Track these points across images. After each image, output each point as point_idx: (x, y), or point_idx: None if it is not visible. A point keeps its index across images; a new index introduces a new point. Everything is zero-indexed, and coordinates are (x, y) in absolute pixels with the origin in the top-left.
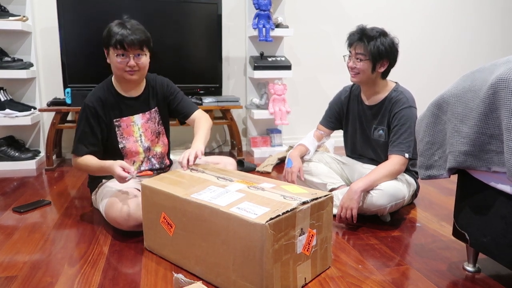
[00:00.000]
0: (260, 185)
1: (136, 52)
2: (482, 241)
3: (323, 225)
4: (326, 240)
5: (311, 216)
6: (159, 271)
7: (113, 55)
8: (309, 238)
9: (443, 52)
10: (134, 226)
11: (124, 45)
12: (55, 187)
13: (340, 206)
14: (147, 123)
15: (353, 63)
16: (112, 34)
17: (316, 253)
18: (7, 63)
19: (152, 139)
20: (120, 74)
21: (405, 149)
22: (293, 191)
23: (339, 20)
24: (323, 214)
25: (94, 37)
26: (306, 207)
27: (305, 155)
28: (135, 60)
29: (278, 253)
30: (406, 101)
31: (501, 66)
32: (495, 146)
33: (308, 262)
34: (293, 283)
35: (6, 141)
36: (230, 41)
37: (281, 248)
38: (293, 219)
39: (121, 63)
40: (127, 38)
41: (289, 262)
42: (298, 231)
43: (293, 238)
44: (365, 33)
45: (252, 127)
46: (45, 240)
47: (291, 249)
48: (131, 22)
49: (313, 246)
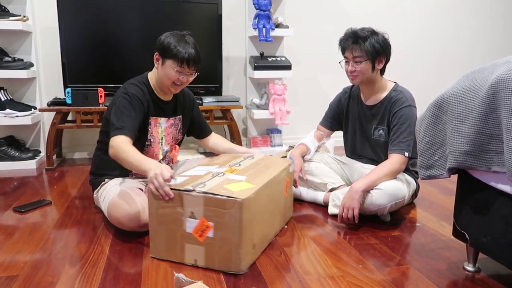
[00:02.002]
0: (228, 174)
1: (192, 72)
2: (482, 241)
3: (225, 225)
4: (230, 243)
5: (206, 207)
6: (159, 270)
7: (170, 67)
8: (202, 226)
9: (442, 51)
10: (137, 226)
11: (189, 64)
12: (55, 187)
13: (342, 206)
14: (170, 128)
15: (352, 67)
16: (179, 50)
17: (214, 246)
18: (8, 63)
19: (172, 144)
20: (168, 84)
21: (405, 148)
22: (233, 187)
23: (339, 20)
24: (225, 215)
25: (95, 37)
26: (195, 194)
27: (306, 154)
28: (188, 77)
29: (163, 217)
30: (405, 100)
31: (501, 66)
32: (495, 146)
33: (200, 248)
34: (180, 254)
35: (7, 141)
36: (230, 41)
37: (166, 215)
38: (180, 197)
39: (175, 77)
40: (192, 58)
41: (176, 233)
42: (189, 213)
43: (180, 215)
44: (358, 35)
45: (252, 127)
46: (46, 240)
47: (178, 223)
48: (192, 40)
49: (209, 237)
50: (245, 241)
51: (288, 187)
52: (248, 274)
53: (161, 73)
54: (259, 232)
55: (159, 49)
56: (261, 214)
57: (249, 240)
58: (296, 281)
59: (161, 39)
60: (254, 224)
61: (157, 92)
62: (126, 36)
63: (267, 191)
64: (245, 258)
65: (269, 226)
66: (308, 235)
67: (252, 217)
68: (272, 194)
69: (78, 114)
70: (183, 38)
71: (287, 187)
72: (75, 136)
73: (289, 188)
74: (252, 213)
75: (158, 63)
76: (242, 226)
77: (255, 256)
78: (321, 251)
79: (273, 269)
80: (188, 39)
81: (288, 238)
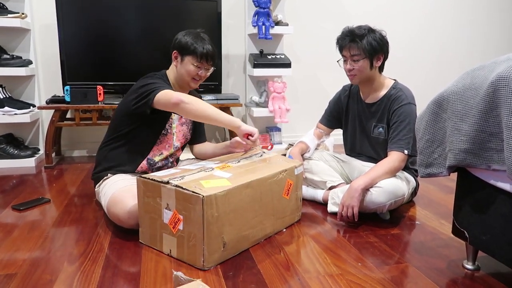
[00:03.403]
0: (216, 170)
1: (210, 66)
2: (482, 239)
3: (191, 219)
4: (195, 238)
5: (178, 201)
6: (158, 268)
7: (189, 63)
8: (174, 218)
9: (442, 49)
10: (135, 224)
11: (208, 59)
12: (54, 185)
13: (341, 205)
14: (181, 126)
15: (350, 65)
16: (196, 46)
17: (183, 239)
18: (6, 60)
19: (182, 141)
20: (188, 80)
21: (404, 146)
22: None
23: (339, 17)
24: (190, 209)
25: (94, 34)
26: (169, 186)
27: (305, 152)
28: (206, 72)
29: (147, 206)
30: (405, 98)
31: (501, 64)
32: (495, 144)
33: (174, 239)
34: (159, 243)
35: (5, 138)
36: (230, 39)
37: (149, 204)
38: (158, 188)
39: (194, 72)
40: (210, 53)
41: (156, 222)
42: (165, 204)
43: (159, 205)
44: (355, 33)
45: (251, 125)
46: (45, 238)
47: (158, 213)
48: (207, 37)
49: (180, 230)
50: (211, 238)
51: (291, 190)
52: (247, 273)
53: (181, 70)
54: (235, 231)
55: (177, 47)
56: (237, 213)
57: (215, 238)
58: (295, 279)
59: (178, 38)
60: (225, 223)
61: (174, 89)
62: (125, 33)
63: (250, 191)
64: (210, 255)
65: (254, 227)
66: (307, 233)
67: (221, 215)
68: (260, 194)
69: (77, 112)
70: (199, 35)
71: (290, 189)
72: (74, 134)
73: (293, 191)
74: (221, 211)
75: (176, 60)
76: (206, 223)
77: (228, 255)
78: (321, 249)
79: (272, 267)
80: (204, 36)
81: (287, 236)
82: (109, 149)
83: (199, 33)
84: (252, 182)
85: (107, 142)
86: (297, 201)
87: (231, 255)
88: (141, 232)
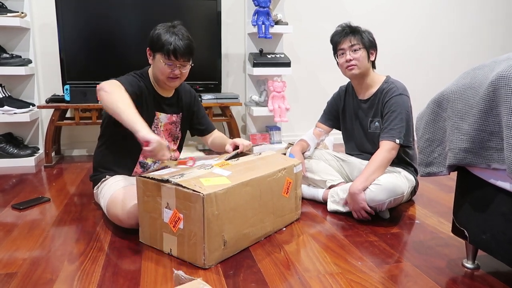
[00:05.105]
0: (216, 168)
1: (184, 63)
2: (482, 238)
3: (192, 218)
4: (196, 236)
5: (178, 200)
6: (159, 267)
7: (160, 61)
8: (175, 217)
9: (442, 49)
10: (135, 224)
11: (177, 56)
12: (54, 184)
13: (352, 211)
14: (170, 124)
15: (350, 56)
16: (164, 42)
17: (183, 238)
18: (6, 59)
19: (169, 141)
20: (163, 79)
21: (396, 135)
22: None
23: (339, 17)
24: (191, 208)
25: (93, 34)
26: (169, 185)
27: (306, 151)
28: (181, 70)
29: (147, 205)
30: (396, 90)
31: (501, 63)
32: (495, 143)
33: (174, 238)
34: (159, 242)
35: (5, 138)
36: (229, 38)
37: (149, 203)
38: (158, 187)
39: (166, 70)
40: (179, 49)
41: (156, 221)
42: (165, 203)
43: (159, 204)
44: (352, 27)
45: (251, 124)
46: (45, 237)
47: (158, 212)
48: (181, 30)
49: (180, 229)
50: (211, 237)
51: (290, 188)
52: (247, 271)
53: (154, 68)
54: (235, 230)
55: (149, 43)
56: (237, 211)
57: (216, 236)
58: (295, 278)
59: (151, 32)
60: (225, 221)
61: (156, 88)
62: (124, 32)
63: (250, 189)
64: (210, 253)
65: (253, 226)
66: (307, 232)
67: (221, 213)
68: (260, 192)
69: (76, 111)
70: (172, 29)
71: (289, 188)
72: (73, 133)
73: (292, 189)
74: (221, 209)
75: (150, 58)
76: (206, 221)
77: (229, 254)
78: (321, 248)
79: (273, 266)
80: (177, 30)
81: (287, 235)
82: (101, 154)
83: (173, 26)
84: (251, 180)
85: (99, 146)
86: (296, 199)
87: (231, 253)
88: (141, 231)
